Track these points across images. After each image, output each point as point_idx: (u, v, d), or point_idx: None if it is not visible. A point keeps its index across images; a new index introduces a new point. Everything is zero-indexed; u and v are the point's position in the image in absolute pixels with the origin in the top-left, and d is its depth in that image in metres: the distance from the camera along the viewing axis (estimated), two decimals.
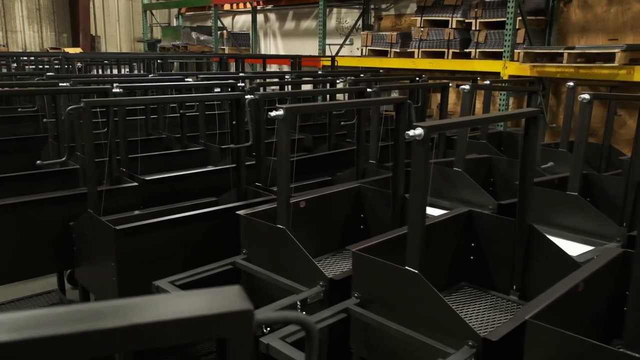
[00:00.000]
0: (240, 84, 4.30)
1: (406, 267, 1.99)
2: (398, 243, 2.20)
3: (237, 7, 13.23)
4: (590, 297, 1.99)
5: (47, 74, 4.88)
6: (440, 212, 3.07)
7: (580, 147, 3.01)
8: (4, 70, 7.55)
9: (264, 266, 2.56)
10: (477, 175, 3.78)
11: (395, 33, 8.50)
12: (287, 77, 5.44)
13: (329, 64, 8.67)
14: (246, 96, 3.12)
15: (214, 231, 2.89)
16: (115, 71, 8.75)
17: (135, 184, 3.26)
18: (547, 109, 7.25)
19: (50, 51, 12.39)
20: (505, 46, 6.69)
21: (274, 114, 2.32)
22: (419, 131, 1.86)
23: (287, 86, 5.54)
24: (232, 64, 10.11)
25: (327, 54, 9.76)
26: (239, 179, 3.27)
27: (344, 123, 4.63)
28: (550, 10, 7.26)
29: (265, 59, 9.39)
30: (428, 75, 6.27)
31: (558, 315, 1.75)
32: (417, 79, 5.49)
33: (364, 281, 2.17)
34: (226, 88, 4.48)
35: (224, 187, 3.41)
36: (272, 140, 2.57)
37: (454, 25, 7.75)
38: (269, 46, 13.21)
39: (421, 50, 7.98)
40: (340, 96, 6.79)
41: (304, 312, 2.16)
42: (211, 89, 4.62)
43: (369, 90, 3.80)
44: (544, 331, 1.59)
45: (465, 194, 3.35)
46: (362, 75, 6.26)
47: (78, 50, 13.28)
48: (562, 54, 5.83)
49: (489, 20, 7.35)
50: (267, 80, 5.82)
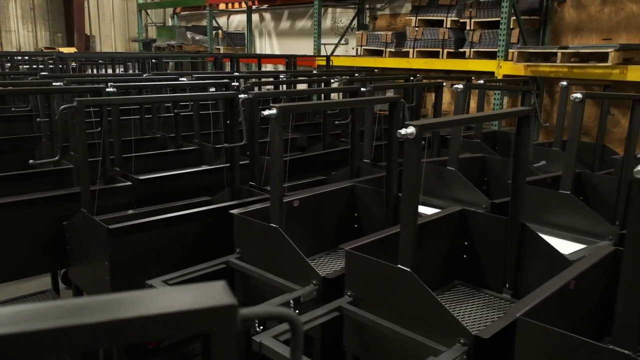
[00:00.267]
0: (234, 83, 4.30)
1: (399, 266, 1.99)
2: (391, 242, 2.21)
3: (232, 6, 13.22)
4: (582, 295, 2.00)
5: (41, 73, 4.87)
6: (434, 211, 3.08)
7: (572, 146, 3.02)
8: None
9: (257, 265, 2.56)
10: (471, 174, 3.79)
11: (390, 33, 8.51)
12: (281, 76, 5.44)
13: (324, 63, 8.67)
14: (240, 95, 3.12)
15: (207, 230, 2.89)
16: (110, 71, 8.74)
17: (129, 183, 3.25)
18: (541, 108, 7.27)
19: (45, 51, 12.34)
20: (500, 46, 6.71)
21: (266, 113, 2.33)
22: (410, 130, 1.87)
23: (281, 86, 5.55)
24: (227, 63, 10.11)
25: (323, 53, 9.76)
26: (232, 178, 3.27)
27: (338, 122, 4.64)
28: (544, 10, 7.29)
29: (260, 58, 9.39)
30: (423, 74, 6.28)
31: (549, 313, 1.76)
32: (412, 78, 5.50)
33: (356, 280, 2.17)
34: (221, 88, 4.48)
35: (218, 186, 3.41)
36: (266, 140, 2.58)
37: (448, 25, 7.76)
38: (264, 46, 13.21)
39: (416, 49, 8.00)
40: (335, 96, 6.79)
41: (297, 311, 2.17)
42: (206, 88, 4.62)
43: (362, 89, 3.80)
44: (534, 328, 1.60)
45: (459, 193, 3.36)
46: (357, 75, 6.27)
47: (73, 50, 13.24)
48: (555, 54, 5.85)
49: (484, 20, 7.37)
50: (262, 80, 5.83)
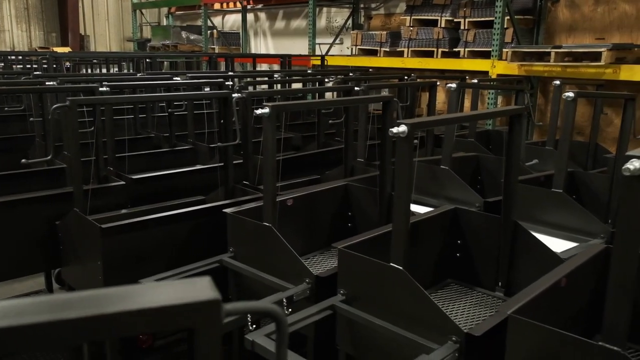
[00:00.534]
0: (228, 82, 4.30)
1: (391, 264, 2.00)
2: (384, 240, 2.21)
3: (227, 6, 13.20)
4: (573, 293, 2.01)
5: (34, 73, 4.85)
6: (427, 209, 3.09)
7: (564, 144, 3.03)
8: None
9: (250, 264, 2.56)
10: (464, 173, 3.80)
11: (385, 32, 8.52)
12: (275, 76, 5.44)
13: (319, 63, 8.68)
14: (233, 95, 3.12)
15: (201, 230, 2.89)
16: (104, 70, 8.71)
17: (122, 182, 3.25)
18: (535, 107, 7.30)
19: (39, 50, 12.29)
20: (494, 45, 6.73)
21: (259, 111, 2.33)
22: (402, 128, 1.87)
23: (275, 85, 5.55)
24: (222, 63, 10.09)
25: (317, 53, 9.76)
26: (226, 177, 3.27)
27: (332, 122, 4.64)
28: (538, 10, 7.31)
29: (255, 58, 9.38)
30: (417, 74, 6.29)
31: (540, 311, 1.77)
32: (406, 78, 5.51)
33: (349, 278, 2.18)
34: (215, 87, 4.48)
35: (212, 185, 3.41)
36: (261, 139, 2.58)
37: (443, 25, 7.78)
38: (259, 45, 13.20)
39: (410, 49, 8.01)
40: (329, 95, 6.80)
41: (290, 309, 2.17)
42: (200, 87, 4.62)
43: (356, 88, 3.81)
44: (525, 326, 1.60)
45: (452, 191, 3.37)
46: (351, 75, 6.28)
47: (67, 49, 13.19)
48: (549, 53, 5.88)
49: (478, 19, 7.39)
50: (256, 79, 5.82)
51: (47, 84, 3.74)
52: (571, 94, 2.99)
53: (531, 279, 2.09)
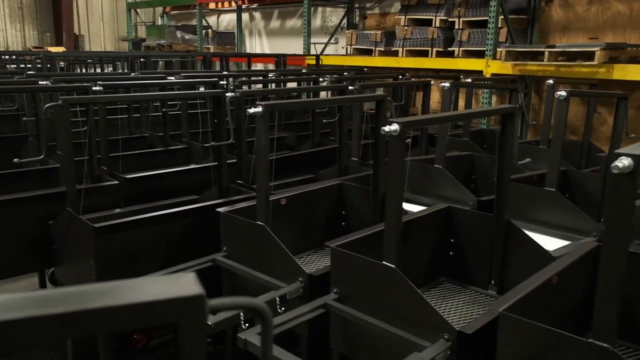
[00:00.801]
0: (222, 82, 4.30)
1: (383, 262, 2.00)
2: (376, 239, 2.22)
3: (222, 5, 13.17)
4: (565, 290, 2.02)
5: (28, 72, 4.84)
6: (421, 208, 3.10)
7: (557, 143, 3.05)
8: None
9: (244, 263, 2.56)
10: (458, 172, 3.81)
11: (380, 32, 8.52)
12: (270, 75, 5.44)
13: (314, 62, 8.68)
14: (227, 94, 3.12)
15: (194, 229, 2.89)
16: (98, 70, 8.69)
17: (116, 182, 3.24)
18: (529, 106, 7.32)
19: (33, 50, 12.24)
20: (488, 45, 6.74)
21: (252, 110, 2.33)
22: (394, 127, 1.88)
23: (270, 84, 5.55)
24: (217, 63, 10.08)
25: (312, 53, 9.76)
26: (220, 176, 3.27)
27: (326, 121, 4.64)
28: (532, 10, 7.33)
29: (250, 57, 9.37)
30: (412, 74, 6.30)
31: (532, 308, 1.78)
32: (400, 77, 5.52)
33: (342, 277, 2.18)
34: (209, 86, 4.48)
35: (206, 185, 3.40)
36: (254, 138, 2.57)
37: (437, 24, 7.79)
38: (254, 45, 13.19)
39: (405, 48, 8.01)
40: (324, 95, 6.80)
41: (283, 308, 2.17)
42: (194, 87, 4.61)
43: (350, 88, 3.81)
44: (515, 323, 1.61)
45: (446, 190, 3.38)
46: (346, 74, 6.28)
47: (61, 49, 13.15)
48: (543, 53, 5.89)
49: (472, 19, 7.40)
50: (251, 78, 5.82)
51: (40, 83, 3.73)
52: (563, 93, 3.00)
53: (524, 277, 2.10)
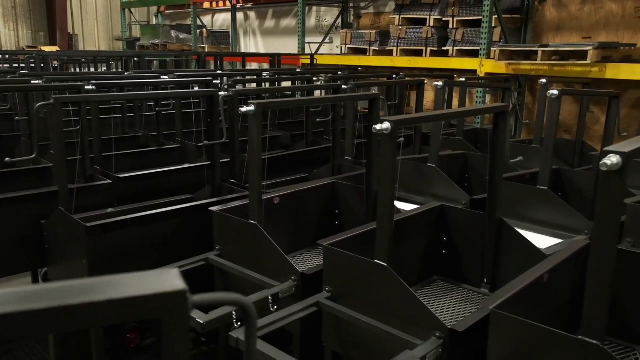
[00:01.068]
0: (216, 81, 4.29)
1: (375, 261, 2.01)
2: (369, 237, 2.22)
3: (217, 5, 13.17)
4: (556, 288, 2.03)
5: (21, 72, 4.82)
6: (414, 207, 3.10)
7: (549, 142, 3.06)
8: None
9: (236, 262, 2.56)
10: (452, 171, 3.82)
11: (374, 31, 8.53)
12: (264, 74, 5.44)
13: (309, 62, 8.67)
14: (220, 93, 3.12)
15: (187, 228, 2.89)
16: (92, 70, 8.66)
17: (109, 181, 3.24)
18: (523, 106, 7.34)
19: (27, 50, 12.19)
20: (482, 44, 6.76)
21: (244, 109, 2.33)
22: (386, 125, 1.88)
23: (264, 84, 5.54)
24: (211, 62, 10.07)
25: (307, 52, 9.76)
26: (213, 176, 3.27)
27: (320, 120, 4.64)
28: (526, 9, 7.36)
29: (245, 57, 9.36)
30: (407, 73, 6.30)
31: (523, 306, 1.78)
32: (394, 76, 5.52)
33: (334, 275, 2.18)
34: (203, 85, 4.47)
35: (200, 184, 3.40)
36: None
37: (431, 24, 7.80)
38: (249, 45, 13.18)
39: (400, 48, 8.03)
40: (318, 94, 6.80)
41: (275, 307, 2.17)
42: (188, 86, 4.61)
43: (344, 87, 3.81)
44: (506, 320, 1.62)
45: (439, 189, 3.39)
46: (340, 73, 6.29)
47: (55, 48, 13.10)
48: (536, 52, 5.91)
49: (466, 18, 7.42)
50: (245, 78, 5.81)
51: (32, 82, 3.72)
52: (555, 92, 3.02)
53: (516, 275, 2.10)
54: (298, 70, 7.06)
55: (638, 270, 2.11)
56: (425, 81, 4.88)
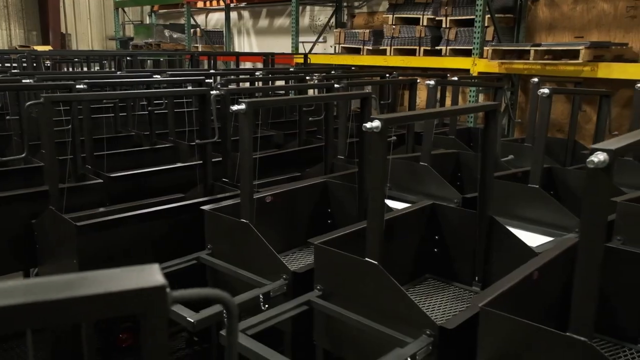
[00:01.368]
0: (208, 80, 4.29)
1: (366, 259, 2.01)
2: (360, 236, 2.22)
3: (211, 4, 13.14)
4: (546, 286, 2.03)
5: (12, 71, 4.79)
6: (406, 206, 3.11)
7: (540, 140, 3.07)
8: None
9: (228, 261, 2.56)
10: (444, 169, 3.83)
11: (368, 30, 8.54)
12: (257, 73, 5.43)
13: (302, 61, 8.67)
14: (212, 91, 3.11)
15: (178, 227, 2.88)
16: (85, 69, 8.62)
17: (100, 181, 3.22)
18: (516, 105, 7.37)
19: (19, 49, 12.13)
20: (475, 43, 6.78)
21: (235, 108, 2.33)
22: (376, 123, 1.88)
23: (257, 83, 5.54)
24: (205, 61, 10.04)
25: (301, 51, 9.76)
26: (205, 175, 3.26)
27: (312, 119, 4.64)
28: (519, 9, 7.38)
29: (238, 56, 9.35)
30: (400, 72, 6.31)
31: (512, 303, 1.79)
32: (387, 75, 5.53)
33: (325, 274, 2.19)
34: (196, 85, 4.46)
35: (192, 183, 3.39)
36: None
37: (425, 23, 7.81)
38: (243, 44, 13.16)
39: (393, 47, 8.03)
40: (311, 93, 6.80)
41: (267, 305, 2.17)
42: (180, 85, 4.60)
43: (336, 86, 3.81)
44: (495, 318, 1.62)
45: (431, 188, 3.40)
46: (333, 72, 6.29)
47: (48, 48, 13.04)
48: (529, 51, 5.93)
49: (459, 18, 7.44)
50: (238, 77, 5.81)
51: (23, 81, 3.70)
52: (546, 90, 3.03)
53: (507, 273, 2.10)
54: (291, 69, 7.05)
55: (628, 268, 2.12)
56: (418, 80, 4.88)
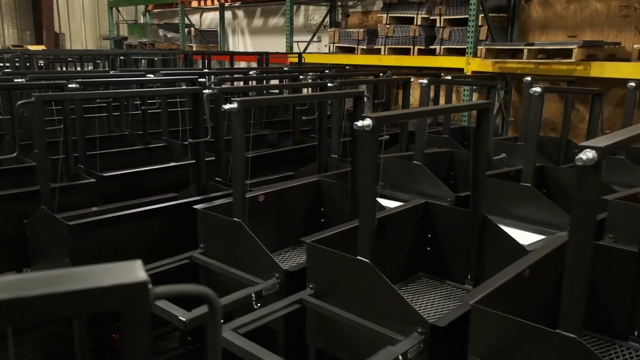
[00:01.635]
0: (203, 79, 4.28)
1: (358, 257, 2.01)
2: (352, 234, 2.22)
3: (205, 3, 13.11)
4: (537, 283, 2.04)
5: (4, 70, 4.77)
6: (399, 204, 3.11)
7: (533, 139, 3.08)
8: None
9: (221, 260, 2.56)
10: (438, 168, 3.83)
11: (362, 30, 8.54)
12: (251, 73, 5.43)
13: (297, 61, 8.67)
14: (205, 91, 3.11)
15: (171, 226, 2.87)
16: (79, 69, 8.59)
17: (93, 180, 3.21)
18: (509, 104, 7.39)
19: (12, 48, 12.07)
20: (469, 43, 6.79)
21: (227, 106, 2.32)
22: (367, 122, 1.88)
23: (251, 82, 5.53)
24: (199, 61, 10.03)
25: (295, 51, 9.75)
26: (198, 174, 3.26)
27: (306, 118, 4.64)
28: (512, 8, 7.40)
29: (233, 55, 9.34)
30: (394, 71, 6.31)
31: (504, 301, 1.79)
32: (381, 75, 5.53)
33: (318, 272, 2.19)
34: (189, 84, 4.45)
35: (185, 183, 3.39)
36: None
37: (419, 22, 7.82)
38: (238, 43, 13.14)
39: (387, 46, 8.04)
40: (305, 92, 6.79)
41: (259, 304, 2.17)
42: (173, 85, 4.59)
43: (330, 85, 3.81)
44: (486, 315, 1.63)
45: (425, 186, 3.40)
46: (327, 71, 6.29)
47: (41, 47, 12.99)
48: (522, 50, 5.95)
49: (453, 17, 7.45)
50: (232, 76, 5.80)
51: (15, 81, 3.68)
52: (538, 89, 3.04)
53: (499, 271, 2.12)
54: (285, 68, 7.05)
55: (619, 266, 2.13)
56: (412, 79, 4.89)
